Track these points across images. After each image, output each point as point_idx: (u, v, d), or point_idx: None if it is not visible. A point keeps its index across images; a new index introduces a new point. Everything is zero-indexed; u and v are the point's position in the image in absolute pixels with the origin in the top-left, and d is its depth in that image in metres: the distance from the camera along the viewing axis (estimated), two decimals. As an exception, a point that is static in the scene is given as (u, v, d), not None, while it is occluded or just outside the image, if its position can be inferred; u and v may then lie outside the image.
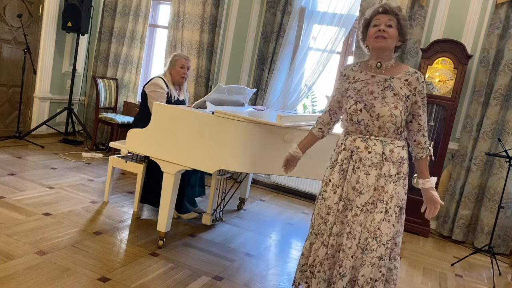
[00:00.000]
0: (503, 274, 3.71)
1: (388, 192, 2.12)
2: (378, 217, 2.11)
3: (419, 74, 2.16)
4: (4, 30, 5.29)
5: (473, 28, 4.40)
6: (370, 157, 2.13)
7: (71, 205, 3.61)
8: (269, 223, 4.08)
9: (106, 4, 5.95)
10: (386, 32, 2.09)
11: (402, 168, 2.16)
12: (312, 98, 5.22)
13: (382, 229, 2.11)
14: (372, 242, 2.11)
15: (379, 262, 2.11)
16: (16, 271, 2.47)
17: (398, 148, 2.16)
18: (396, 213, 2.15)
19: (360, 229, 2.13)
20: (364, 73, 2.21)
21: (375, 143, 2.14)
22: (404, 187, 2.18)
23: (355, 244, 2.14)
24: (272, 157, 2.89)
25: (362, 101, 2.14)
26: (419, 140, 2.19)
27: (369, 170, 2.13)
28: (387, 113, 2.09)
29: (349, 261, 2.14)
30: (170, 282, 2.65)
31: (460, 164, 4.41)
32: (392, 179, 2.13)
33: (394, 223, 2.14)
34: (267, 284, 2.87)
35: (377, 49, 2.14)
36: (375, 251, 2.10)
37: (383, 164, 2.13)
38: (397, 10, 2.12)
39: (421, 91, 2.16)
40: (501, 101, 4.19)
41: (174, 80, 3.78)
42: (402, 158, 2.16)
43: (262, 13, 5.19)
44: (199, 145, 2.85)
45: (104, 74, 6.01)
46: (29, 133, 5.55)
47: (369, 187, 2.13)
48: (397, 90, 2.12)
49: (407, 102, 2.13)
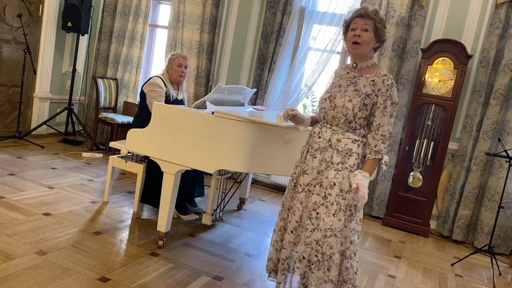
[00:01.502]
0: (503, 274, 3.71)
1: (328, 178, 2.22)
2: (315, 198, 2.23)
3: (387, 77, 2.22)
4: (4, 30, 5.29)
5: (473, 28, 4.40)
6: (318, 141, 2.30)
7: (71, 205, 3.61)
8: (269, 223, 4.08)
9: (106, 4, 5.95)
10: (361, 37, 2.21)
11: (348, 160, 2.22)
12: (312, 98, 5.22)
13: (320, 213, 2.20)
14: (307, 222, 2.23)
15: (316, 246, 2.19)
16: (16, 271, 2.47)
17: (347, 140, 2.24)
18: (339, 205, 2.18)
19: (300, 206, 2.30)
20: (344, 70, 2.39)
21: (327, 130, 2.29)
22: (349, 181, 2.19)
23: (295, 220, 2.32)
24: (272, 157, 2.89)
25: (330, 92, 2.33)
26: (369, 141, 2.25)
27: (316, 153, 2.30)
28: (341, 104, 2.24)
29: (288, 235, 2.34)
30: (170, 282, 2.65)
31: (460, 164, 4.41)
32: (334, 166, 2.22)
33: (339, 216, 2.18)
34: (267, 284, 2.86)
35: (353, 54, 2.31)
36: (310, 232, 2.21)
37: (327, 150, 2.26)
38: (372, 14, 2.23)
39: (383, 93, 2.20)
40: (501, 101, 4.19)
41: (172, 79, 3.78)
42: (350, 150, 2.23)
43: (262, 13, 5.20)
44: (199, 145, 2.85)
45: (104, 74, 6.01)
46: (29, 133, 5.55)
47: (313, 169, 2.29)
48: (360, 87, 2.25)
49: (366, 100, 2.21)
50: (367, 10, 2.23)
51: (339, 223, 2.19)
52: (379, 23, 2.23)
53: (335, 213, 2.18)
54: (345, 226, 2.22)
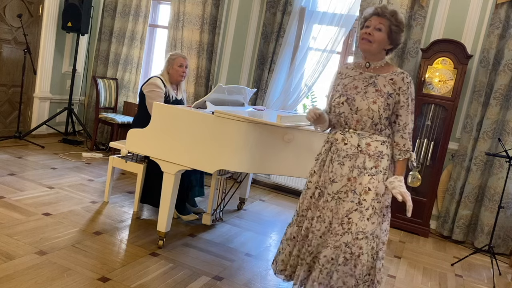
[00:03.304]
0: (503, 274, 3.71)
1: (362, 184, 2.16)
2: (348, 205, 2.17)
3: (405, 75, 2.19)
4: (4, 30, 5.29)
5: (473, 28, 4.40)
6: (345, 148, 2.21)
7: (71, 205, 3.61)
8: (269, 223, 4.08)
9: (106, 4, 5.95)
10: (373, 35, 2.15)
11: (380, 162, 2.18)
12: (312, 98, 5.22)
13: (352, 218, 2.15)
14: (338, 228, 2.18)
15: (345, 248, 2.15)
16: (16, 271, 2.47)
17: (376, 142, 2.19)
18: (375, 209, 2.16)
19: (330, 214, 2.23)
20: (354, 71, 2.30)
21: (352, 135, 2.22)
22: (384, 183, 2.18)
23: (324, 227, 2.25)
24: (272, 157, 2.89)
25: (345, 95, 2.23)
26: (397, 141, 2.21)
27: (344, 161, 2.21)
28: (365, 107, 2.16)
29: (316, 240, 2.26)
30: (170, 282, 2.65)
31: (460, 164, 4.41)
32: (368, 171, 2.17)
33: (373, 219, 2.15)
34: (267, 284, 2.87)
35: (362, 50, 2.24)
36: (339, 236, 2.16)
37: (358, 156, 2.19)
38: (389, 14, 2.16)
39: (405, 91, 2.17)
40: (501, 101, 4.19)
41: (172, 79, 3.78)
42: (381, 153, 2.19)
43: (262, 13, 5.20)
44: (199, 145, 2.85)
45: (104, 74, 6.01)
46: (29, 133, 5.55)
47: (342, 177, 2.21)
48: (380, 86, 2.18)
49: (389, 100, 2.17)
50: (385, 9, 2.17)
51: (372, 226, 2.16)
52: (395, 26, 2.17)
53: (370, 217, 2.15)
54: (380, 229, 2.20)
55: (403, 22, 2.21)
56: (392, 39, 2.20)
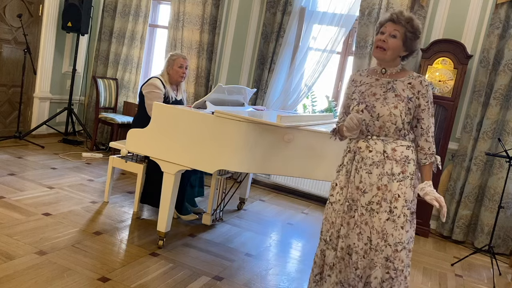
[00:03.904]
0: (503, 274, 3.71)
1: (391, 191, 2.12)
2: (383, 216, 2.12)
3: (423, 78, 2.17)
4: (4, 30, 5.29)
5: (473, 28, 4.40)
6: (371, 156, 2.15)
7: (71, 205, 3.61)
8: (269, 223, 4.08)
9: (106, 4, 5.95)
10: (387, 42, 2.12)
11: (407, 168, 2.14)
12: (312, 98, 5.21)
13: (388, 229, 2.11)
14: (381, 243, 2.11)
15: (386, 263, 2.11)
16: (16, 271, 2.47)
17: (401, 147, 2.15)
18: (406, 216, 2.12)
19: (367, 229, 2.14)
20: (370, 77, 2.26)
21: (376, 142, 2.16)
22: (412, 188, 2.15)
23: (364, 243, 2.15)
24: (272, 157, 2.89)
25: (364, 102, 2.18)
26: (422, 145, 2.18)
27: (371, 168, 2.15)
28: (387, 113, 2.12)
29: (362, 261, 2.16)
30: (170, 282, 2.65)
31: (460, 164, 4.41)
32: (396, 177, 2.12)
33: (405, 227, 2.12)
34: (267, 284, 2.87)
35: (376, 58, 2.21)
36: (384, 252, 2.11)
37: (385, 162, 2.13)
38: (405, 21, 2.12)
39: (424, 94, 2.15)
40: (501, 101, 4.19)
41: (172, 79, 3.77)
42: (407, 158, 2.14)
43: (262, 13, 5.20)
44: (199, 145, 2.85)
45: (104, 74, 6.01)
46: (29, 133, 5.55)
47: (371, 186, 2.14)
48: (399, 91, 2.15)
49: (409, 104, 2.13)
50: (400, 15, 2.13)
51: (407, 234, 2.13)
52: (410, 33, 2.13)
53: (403, 225, 2.12)
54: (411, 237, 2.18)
55: (419, 29, 2.16)
56: (407, 46, 2.16)
